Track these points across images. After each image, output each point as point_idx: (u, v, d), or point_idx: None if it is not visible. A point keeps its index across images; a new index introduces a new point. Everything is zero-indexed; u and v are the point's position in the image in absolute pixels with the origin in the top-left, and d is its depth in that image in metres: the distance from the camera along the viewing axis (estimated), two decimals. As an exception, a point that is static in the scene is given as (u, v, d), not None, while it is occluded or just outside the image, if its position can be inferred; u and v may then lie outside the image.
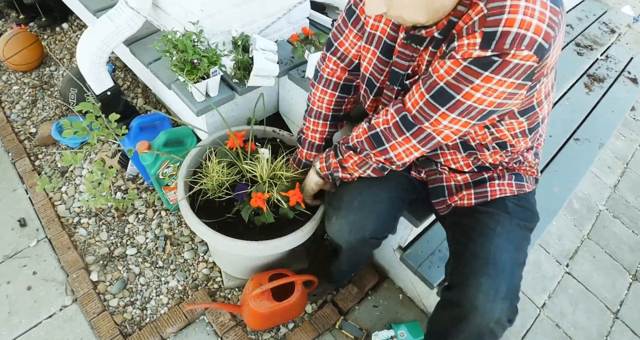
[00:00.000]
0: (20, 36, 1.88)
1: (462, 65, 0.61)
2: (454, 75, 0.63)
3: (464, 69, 0.62)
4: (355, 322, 1.25)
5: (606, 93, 1.85)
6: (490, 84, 0.61)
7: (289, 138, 1.22)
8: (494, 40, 0.58)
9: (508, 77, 0.60)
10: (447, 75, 0.64)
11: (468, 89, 0.63)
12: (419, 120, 0.70)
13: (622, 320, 1.41)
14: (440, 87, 0.65)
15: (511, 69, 0.59)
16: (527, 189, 0.89)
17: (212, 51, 1.09)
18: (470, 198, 0.88)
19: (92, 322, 1.19)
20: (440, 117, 0.68)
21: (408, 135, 0.73)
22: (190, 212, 1.01)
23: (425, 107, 0.68)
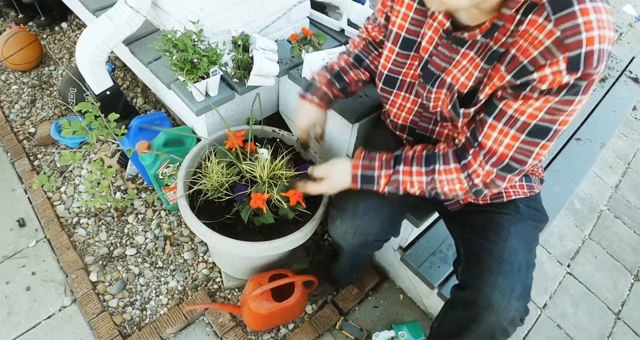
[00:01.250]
0: (19, 35, 1.87)
1: (556, 99, 0.61)
2: (547, 110, 0.62)
3: (559, 102, 0.61)
4: (355, 322, 1.25)
5: (608, 92, 1.85)
6: (579, 105, 0.62)
7: (288, 138, 1.21)
8: (579, 62, 0.57)
9: (589, 88, 0.61)
10: (538, 112, 0.63)
11: (563, 117, 0.63)
12: (520, 161, 0.69)
13: (624, 320, 1.40)
14: (535, 125, 0.64)
15: (590, 84, 0.60)
16: (536, 190, 0.89)
17: (212, 50, 1.09)
18: (485, 198, 0.88)
19: (91, 322, 1.19)
20: (541, 149, 0.67)
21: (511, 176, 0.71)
22: (189, 213, 1.00)
23: (524, 145, 0.67)
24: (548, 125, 0.64)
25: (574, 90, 0.59)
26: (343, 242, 0.93)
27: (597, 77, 0.59)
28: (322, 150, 1.34)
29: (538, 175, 0.92)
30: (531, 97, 0.62)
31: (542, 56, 0.59)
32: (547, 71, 0.59)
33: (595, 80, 0.60)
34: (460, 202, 0.92)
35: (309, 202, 1.04)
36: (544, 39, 0.59)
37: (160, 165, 1.27)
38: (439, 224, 1.28)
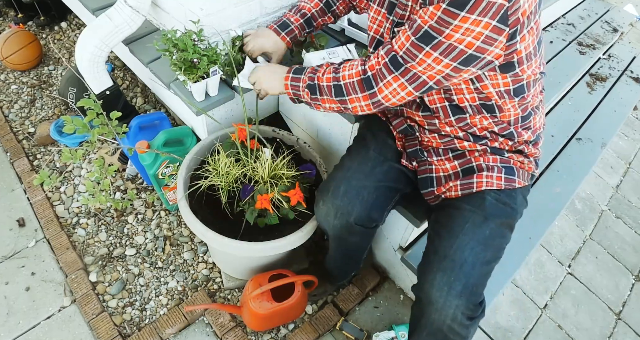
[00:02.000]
0: (19, 35, 1.87)
1: (442, 8, 0.67)
2: (436, 19, 0.69)
3: (443, 11, 0.67)
4: (355, 323, 1.24)
5: (609, 92, 1.84)
6: (467, 23, 0.66)
7: (289, 137, 1.21)
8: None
9: (482, 16, 0.65)
10: (430, 19, 0.69)
11: (448, 31, 0.68)
12: (406, 60, 0.74)
13: (625, 321, 1.40)
14: (424, 30, 0.71)
15: (484, 7, 0.64)
16: (518, 185, 0.87)
17: (212, 50, 1.09)
18: (456, 189, 0.89)
19: (91, 323, 1.19)
20: (424, 56, 0.72)
21: (397, 74, 0.76)
22: (189, 213, 1.00)
23: (412, 47, 0.73)
24: (434, 34, 0.70)
25: (459, 3, 0.65)
26: (326, 224, 0.96)
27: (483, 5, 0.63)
28: (322, 150, 1.33)
29: (528, 169, 0.90)
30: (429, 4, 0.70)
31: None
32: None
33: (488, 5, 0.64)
34: (436, 195, 0.93)
35: (310, 202, 1.04)
36: None
37: (160, 165, 1.27)
38: (439, 224, 1.27)
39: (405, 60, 0.74)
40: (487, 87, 0.80)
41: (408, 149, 0.96)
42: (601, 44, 1.98)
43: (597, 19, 2.16)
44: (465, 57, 0.70)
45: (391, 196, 0.96)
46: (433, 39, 0.70)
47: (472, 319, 0.80)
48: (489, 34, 0.67)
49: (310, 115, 1.30)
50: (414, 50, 0.72)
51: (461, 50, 0.69)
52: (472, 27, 0.66)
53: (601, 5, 2.29)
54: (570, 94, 1.78)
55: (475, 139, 0.88)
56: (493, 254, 0.82)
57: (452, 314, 0.78)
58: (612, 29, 2.12)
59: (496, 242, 0.83)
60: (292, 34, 1.07)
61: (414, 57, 0.73)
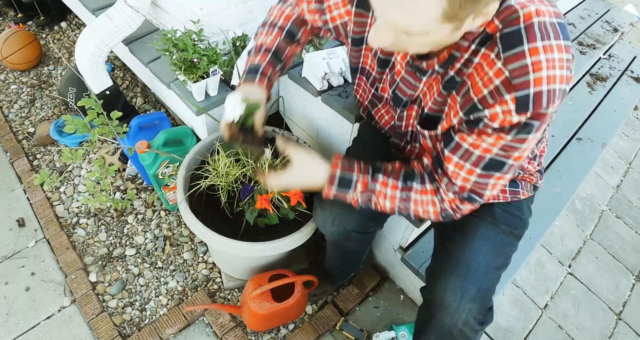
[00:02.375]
0: (19, 35, 1.87)
1: (509, 138, 0.60)
2: (501, 147, 0.62)
3: (512, 140, 0.61)
4: (355, 323, 1.24)
5: (609, 92, 1.84)
6: (533, 142, 0.62)
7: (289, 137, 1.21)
8: (529, 103, 0.57)
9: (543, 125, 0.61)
10: (492, 148, 0.62)
11: (517, 153, 0.63)
12: (478, 193, 0.69)
13: (626, 321, 1.40)
14: (489, 159, 0.64)
15: (548, 121, 0.61)
16: (522, 196, 0.87)
17: (212, 50, 1.08)
18: None
19: (90, 323, 1.18)
20: (496, 180, 0.67)
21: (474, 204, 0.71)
22: (189, 213, 1.00)
23: (480, 179, 0.67)
24: (502, 160, 0.64)
25: (527, 129, 0.59)
26: (324, 230, 0.95)
27: (551, 114, 0.59)
28: (322, 150, 1.33)
29: (530, 181, 0.89)
30: (484, 132, 0.62)
31: (491, 95, 0.59)
32: (498, 110, 0.59)
33: (549, 117, 0.59)
34: None
35: (310, 202, 1.03)
36: (494, 78, 0.59)
37: (160, 165, 1.26)
38: (439, 224, 1.27)
39: (478, 193, 0.69)
40: None
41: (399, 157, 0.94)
42: (601, 43, 1.97)
43: (597, 19, 2.16)
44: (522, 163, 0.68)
45: None
46: (502, 165, 0.64)
47: (483, 324, 0.79)
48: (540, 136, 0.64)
49: (310, 115, 1.29)
50: (482, 180, 0.67)
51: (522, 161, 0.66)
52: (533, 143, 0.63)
53: (601, 5, 2.28)
54: (571, 94, 1.78)
55: None
56: (503, 261, 0.82)
57: (464, 318, 0.77)
58: (613, 28, 2.11)
59: (506, 249, 0.83)
60: (266, 75, 0.83)
61: (485, 186, 0.68)
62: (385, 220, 0.98)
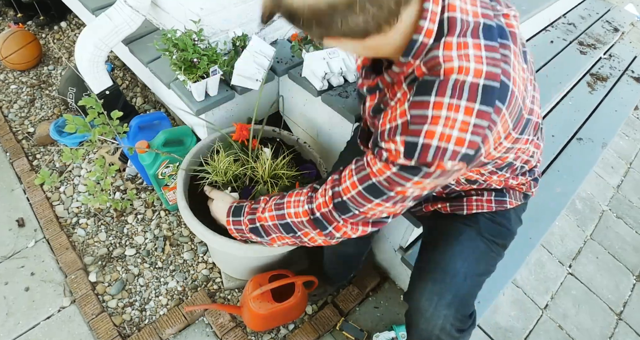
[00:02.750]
0: (18, 35, 1.86)
1: (392, 170, 0.60)
2: (385, 177, 0.62)
3: (394, 174, 0.60)
4: (356, 323, 1.24)
5: (609, 92, 1.84)
6: (422, 184, 0.61)
7: (289, 137, 1.21)
8: (415, 151, 0.56)
9: (439, 178, 0.59)
10: (378, 175, 0.62)
11: (400, 189, 0.62)
12: (351, 207, 0.68)
13: (626, 321, 1.40)
14: (372, 184, 0.64)
15: (439, 174, 0.58)
16: (509, 205, 0.85)
17: (212, 50, 1.08)
18: (446, 209, 0.88)
19: (90, 323, 1.18)
20: (375, 206, 0.66)
21: (345, 217, 0.70)
22: (189, 213, 1.00)
23: (358, 197, 0.66)
24: (383, 189, 0.63)
25: (413, 172, 0.58)
26: None
27: (440, 170, 0.57)
28: (322, 150, 1.33)
29: (519, 190, 0.86)
30: (378, 157, 0.62)
31: (389, 132, 0.60)
32: (391, 146, 0.59)
33: (435, 175, 0.58)
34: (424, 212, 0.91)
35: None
36: (399, 117, 0.59)
37: (160, 165, 1.26)
38: (440, 224, 1.27)
39: (352, 208, 0.68)
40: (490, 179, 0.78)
41: None
42: (602, 43, 1.97)
43: (597, 19, 2.15)
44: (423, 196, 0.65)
45: None
46: (382, 193, 0.63)
47: (462, 332, 0.79)
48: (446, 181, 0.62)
49: (310, 115, 1.29)
50: (360, 200, 0.66)
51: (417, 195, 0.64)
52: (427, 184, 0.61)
53: (602, 5, 2.28)
54: (571, 94, 1.78)
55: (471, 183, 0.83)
56: (485, 268, 0.82)
57: (440, 325, 0.77)
58: (613, 28, 2.11)
59: (489, 256, 0.83)
60: None
61: (361, 206, 0.67)
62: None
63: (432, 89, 0.55)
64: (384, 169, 0.61)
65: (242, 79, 1.13)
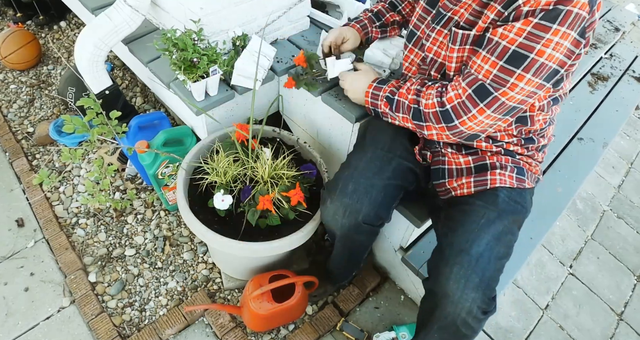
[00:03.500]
0: (18, 34, 1.86)
1: (534, 22, 0.66)
2: (525, 35, 0.67)
3: (535, 26, 0.66)
4: (356, 323, 1.24)
5: (610, 92, 1.83)
6: (557, 37, 0.66)
7: (289, 137, 1.20)
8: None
9: (570, 29, 0.65)
10: (518, 37, 0.67)
11: (540, 47, 0.67)
12: (496, 87, 0.72)
13: (627, 322, 1.39)
14: (513, 51, 0.68)
15: (573, 19, 0.65)
16: (527, 186, 0.89)
17: (212, 49, 1.08)
18: (470, 186, 0.89)
19: (90, 323, 1.18)
20: (517, 79, 0.70)
21: (482, 105, 0.74)
22: (189, 213, 1.00)
23: (501, 73, 0.70)
24: (525, 53, 0.68)
25: (551, 15, 0.65)
26: (334, 224, 0.95)
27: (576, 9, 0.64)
28: (322, 150, 1.33)
29: (534, 172, 0.92)
30: (515, 19, 0.68)
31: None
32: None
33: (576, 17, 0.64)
34: (447, 188, 0.93)
35: (310, 202, 1.03)
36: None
37: (160, 165, 1.26)
38: (440, 224, 1.27)
39: (496, 88, 0.71)
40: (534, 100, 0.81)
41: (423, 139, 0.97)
42: (603, 43, 1.97)
43: (598, 18, 2.15)
44: (551, 73, 0.70)
45: (397, 194, 0.96)
46: (524, 58, 0.68)
47: (486, 313, 0.79)
48: (572, 47, 0.68)
49: (310, 115, 1.29)
50: (504, 76, 0.70)
51: (549, 67, 0.69)
52: (562, 41, 0.66)
53: (603, 4, 2.27)
54: (572, 94, 1.77)
55: (494, 142, 0.89)
56: (505, 250, 0.82)
57: (468, 307, 0.77)
58: (614, 28, 2.11)
59: (508, 238, 0.83)
60: (362, 23, 1.11)
61: (505, 82, 0.70)
62: (392, 209, 0.97)
63: None
64: (524, 26, 0.66)
65: (242, 79, 1.13)
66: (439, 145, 0.95)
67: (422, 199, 1.05)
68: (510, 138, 0.88)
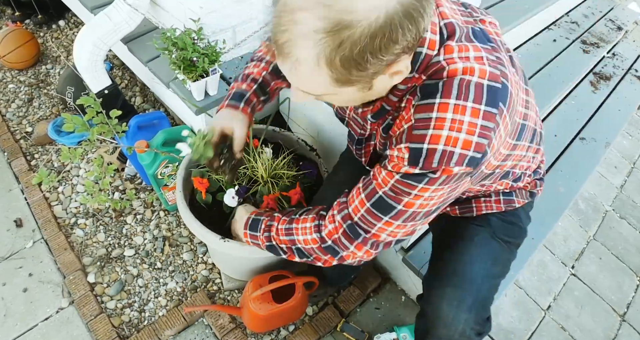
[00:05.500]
0: (16, 34, 1.85)
1: (395, 178, 0.59)
2: (390, 186, 0.60)
3: (397, 181, 0.59)
4: (356, 324, 1.23)
5: (613, 91, 1.83)
6: (428, 193, 0.59)
7: (289, 137, 1.20)
8: (420, 157, 0.55)
9: (444, 184, 0.58)
10: (384, 185, 0.61)
11: (407, 199, 0.60)
12: (365, 229, 0.66)
13: (629, 322, 1.39)
14: (379, 197, 0.62)
15: (444, 180, 0.57)
16: (517, 205, 0.85)
17: (212, 49, 1.07)
18: (455, 212, 0.87)
19: (89, 324, 1.17)
20: (384, 225, 0.64)
21: (358, 242, 0.68)
22: (189, 213, 0.99)
23: (367, 215, 0.64)
24: (392, 203, 0.61)
25: (415, 178, 0.57)
26: None
27: (445, 175, 0.55)
28: (323, 150, 1.32)
29: (524, 188, 0.86)
30: (383, 167, 0.61)
31: (396, 139, 0.59)
32: (395, 153, 0.58)
33: (440, 181, 0.56)
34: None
35: (310, 202, 1.02)
36: (404, 123, 0.58)
37: (159, 165, 1.25)
38: (441, 224, 1.26)
39: (365, 229, 0.65)
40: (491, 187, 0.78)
41: None
42: (605, 42, 1.96)
43: (601, 17, 2.14)
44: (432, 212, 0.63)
45: None
46: (391, 208, 0.61)
47: (480, 335, 0.78)
48: (454, 193, 0.62)
49: (311, 115, 1.28)
50: (370, 219, 0.64)
51: (426, 212, 0.62)
52: (434, 194, 0.59)
53: (605, 3, 2.27)
54: (574, 93, 1.77)
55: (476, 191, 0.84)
56: (501, 269, 0.81)
57: (461, 329, 0.76)
58: (617, 27, 2.10)
59: (504, 257, 0.82)
60: (251, 103, 0.87)
61: (372, 226, 0.64)
62: None
63: (436, 91, 0.54)
64: (388, 177, 0.60)
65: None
66: None
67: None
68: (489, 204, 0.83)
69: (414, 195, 0.59)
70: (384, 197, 0.61)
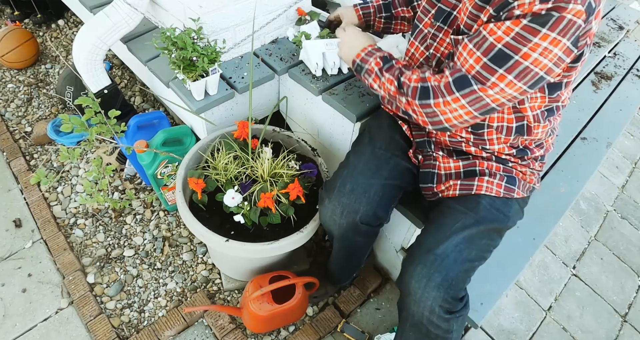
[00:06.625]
0: (15, 33, 1.85)
1: (522, 23, 0.63)
2: (512, 35, 0.65)
3: (523, 27, 0.64)
4: (357, 324, 1.23)
5: (614, 91, 1.82)
6: (546, 42, 0.64)
7: (289, 136, 1.19)
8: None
9: (561, 35, 0.63)
10: (505, 35, 0.65)
11: (526, 49, 0.64)
12: (476, 83, 0.70)
13: (631, 323, 1.38)
14: (498, 49, 0.67)
15: (565, 25, 0.62)
16: (516, 195, 0.86)
17: (212, 48, 1.06)
18: (455, 189, 0.88)
19: (88, 325, 1.17)
20: (497, 79, 0.68)
21: (458, 94, 0.72)
22: (188, 213, 0.98)
23: (483, 70, 0.69)
24: (510, 53, 0.66)
25: (542, 20, 0.62)
26: (332, 223, 0.94)
27: (569, 16, 0.61)
28: (323, 150, 1.31)
29: (529, 181, 0.89)
30: (506, 18, 0.66)
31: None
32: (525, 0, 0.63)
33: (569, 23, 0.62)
34: (434, 192, 0.92)
35: (309, 203, 1.02)
36: None
37: (159, 165, 1.25)
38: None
39: (475, 83, 0.70)
40: (526, 110, 0.79)
41: (416, 139, 0.95)
42: (607, 41, 1.95)
43: (602, 17, 2.13)
44: (536, 80, 0.67)
45: (396, 194, 0.95)
46: (508, 59, 0.66)
47: (452, 313, 0.79)
48: (562, 55, 0.65)
49: (311, 114, 1.28)
50: (485, 73, 0.68)
51: (535, 73, 0.66)
52: (551, 47, 0.64)
53: (607, 2, 2.26)
54: (575, 93, 1.76)
55: (483, 148, 0.87)
56: (477, 254, 0.81)
57: (429, 306, 0.78)
58: (618, 26, 2.09)
59: (483, 242, 0.82)
60: (366, 9, 1.09)
61: (485, 80, 0.69)
62: (391, 210, 0.96)
63: None
64: (513, 26, 0.64)
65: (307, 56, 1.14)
66: (430, 149, 0.93)
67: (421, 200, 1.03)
68: (500, 144, 0.85)
69: (534, 44, 0.64)
70: (503, 48, 0.66)
